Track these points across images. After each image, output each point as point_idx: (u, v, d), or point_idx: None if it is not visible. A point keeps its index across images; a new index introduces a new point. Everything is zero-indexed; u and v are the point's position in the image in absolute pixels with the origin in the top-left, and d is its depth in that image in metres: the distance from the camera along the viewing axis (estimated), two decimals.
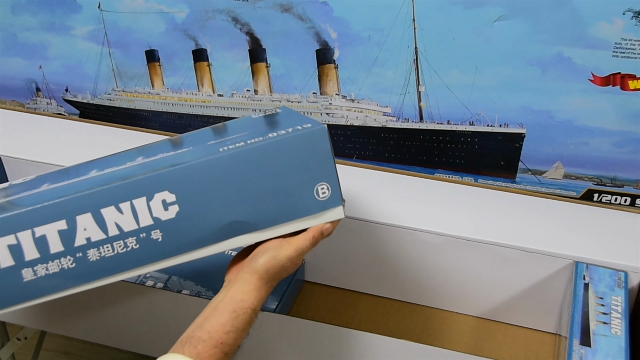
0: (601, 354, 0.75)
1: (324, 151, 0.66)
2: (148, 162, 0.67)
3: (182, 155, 0.67)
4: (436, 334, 0.99)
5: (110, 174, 0.66)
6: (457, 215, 0.97)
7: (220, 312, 0.63)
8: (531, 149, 1.02)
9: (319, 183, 0.67)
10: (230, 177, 0.65)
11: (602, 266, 0.87)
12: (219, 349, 0.61)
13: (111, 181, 0.63)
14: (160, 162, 0.66)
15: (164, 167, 0.64)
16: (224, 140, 0.68)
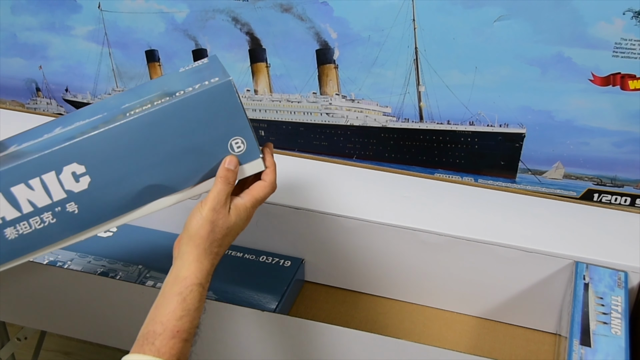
0: (601, 354, 0.75)
1: (232, 105, 0.64)
2: (63, 132, 0.65)
3: (93, 123, 0.64)
4: (436, 334, 0.99)
5: (25, 149, 0.64)
6: (457, 215, 0.97)
7: (167, 298, 0.61)
8: (531, 149, 1.02)
9: (233, 138, 0.65)
10: (138, 142, 0.63)
11: (602, 266, 0.87)
12: (177, 338, 0.59)
13: (22, 157, 0.62)
14: (72, 132, 0.64)
15: (73, 137, 0.62)
16: (136, 102, 0.66)
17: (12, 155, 0.64)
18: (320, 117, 1.13)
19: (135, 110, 0.63)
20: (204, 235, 0.62)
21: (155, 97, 0.66)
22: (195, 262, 0.62)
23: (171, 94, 0.65)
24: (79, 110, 0.74)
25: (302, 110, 1.13)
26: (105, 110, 0.68)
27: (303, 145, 1.17)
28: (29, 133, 0.71)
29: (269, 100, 1.15)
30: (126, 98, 0.70)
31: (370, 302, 1.04)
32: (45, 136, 0.66)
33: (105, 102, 0.74)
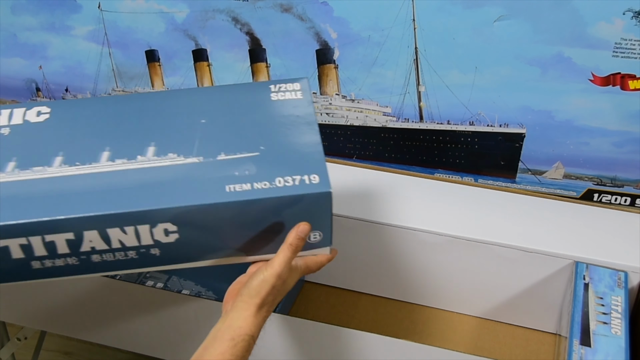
0: (601, 354, 0.75)
1: (325, 210, 0.69)
2: (137, 169, 0.69)
3: (188, 171, 0.69)
4: (436, 334, 0.99)
5: (99, 182, 0.68)
6: (457, 215, 0.97)
7: (219, 341, 0.64)
8: (531, 149, 1.02)
9: (313, 231, 0.70)
10: (232, 218, 0.68)
11: (602, 266, 0.87)
12: None
13: (114, 202, 0.66)
14: (162, 174, 0.68)
15: (169, 186, 0.67)
16: (231, 161, 0.70)
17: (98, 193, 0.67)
18: (320, 117, 1.13)
19: (236, 185, 0.67)
20: (264, 296, 0.67)
21: (252, 158, 0.70)
22: (252, 317, 0.66)
23: (269, 177, 0.68)
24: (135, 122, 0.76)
25: None
26: (198, 150, 0.71)
27: None
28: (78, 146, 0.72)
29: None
30: (223, 142, 0.72)
31: (370, 302, 1.04)
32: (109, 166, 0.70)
33: (198, 131, 0.74)
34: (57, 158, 0.70)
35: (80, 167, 0.69)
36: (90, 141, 0.72)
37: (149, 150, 0.71)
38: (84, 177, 0.68)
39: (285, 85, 0.79)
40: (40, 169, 0.69)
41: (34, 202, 0.66)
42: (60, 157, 0.70)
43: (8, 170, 0.69)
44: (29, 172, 0.69)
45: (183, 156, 0.70)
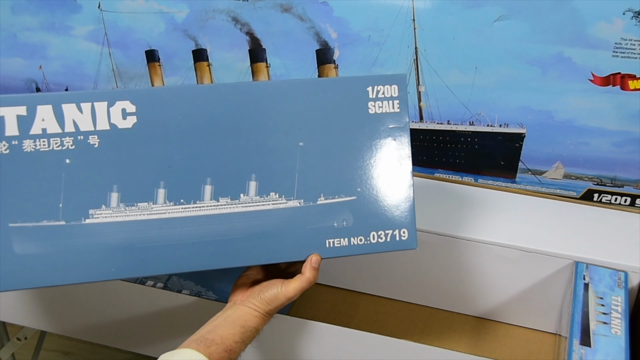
0: (601, 354, 0.75)
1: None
2: (240, 213, 0.70)
3: (290, 219, 0.71)
4: (436, 334, 0.99)
5: (209, 233, 0.69)
6: (457, 215, 0.97)
7: (231, 324, 0.70)
8: (531, 149, 1.02)
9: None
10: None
11: (602, 266, 0.87)
12: (227, 355, 0.67)
13: (222, 254, 0.70)
14: (266, 221, 0.71)
15: (274, 239, 0.71)
16: (330, 206, 0.71)
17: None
18: None
19: (335, 240, 0.72)
20: (272, 308, 0.73)
21: (349, 203, 0.72)
22: (260, 317, 0.73)
23: (364, 232, 0.72)
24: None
25: None
26: (299, 192, 0.72)
27: None
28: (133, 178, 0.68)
29: None
30: (322, 180, 0.72)
31: (370, 302, 1.04)
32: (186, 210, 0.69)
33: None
34: (159, 190, 0.67)
35: (186, 207, 0.68)
36: (189, 166, 0.68)
37: (251, 187, 0.70)
38: (191, 221, 0.67)
39: (383, 88, 0.73)
40: (145, 205, 0.67)
41: (149, 253, 0.66)
42: (162, 189, 0.67)
43: (113, 204, 0.66)
44: (135, 209, 0.67)
45: (285, 197, 0.70)
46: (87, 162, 0.66)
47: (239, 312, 0.72)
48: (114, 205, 0.66)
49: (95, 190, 0.66)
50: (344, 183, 0.71)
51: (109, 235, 0.66)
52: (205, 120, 0.69)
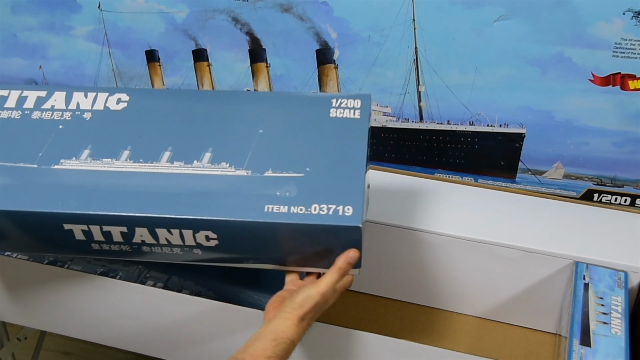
0: (601, 354, 0.75)
1: (355, 240, 0.73)
2: (190, 175, 0.76)
3: (235, 184, 0.75)
4: (436, 334, 0.99)
5: (154, 182, 0.76)
6: (457, 215, 0.97)
7: (262, 339, 0.69)
8: (531, 149, 1.02)
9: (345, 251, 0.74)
10: (268, 235, 0.74)
11: (602, 266, 0.87)
12: None
13: (163, 206, 0.74)
14: (212, 184, 0.75)
15: (215, 198, 0.74)
16: (277, 179, 0.75)
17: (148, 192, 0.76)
18: None
19: (272, 207, 0.73)
20: (306, 310, 0.72)
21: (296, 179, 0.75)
22: (294, 325, 0.70)
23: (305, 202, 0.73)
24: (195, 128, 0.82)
25: None
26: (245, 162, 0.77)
27: None
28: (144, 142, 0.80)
29: None
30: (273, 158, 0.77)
31: (370, 302, 1.04)
32: (167, 167, 0.78)
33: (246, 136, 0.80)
34: (125, 152, 0.79)
35: (142, 164, 0.78)
36: (157, 138, 0.80)
37: (205, 156, 0.78)
38: (143, 176, 0.76)
39: (346, 101, 0.81)
40: (108, 161, 0.78)
41: (97, 194, 0.75)
42: (127, 151, 0.79)
43: (82, 157, 0.79)
44: (99, 163, 0.78)
45: (234, 167, 0.77)
46: (75, 129, 0.82)
47: (271, 326, 0.70)
48: (82, 158, 0.79)
49: (72, 147, 0.80)
50: (295, 162, 0.76)
51: (67, 177, 0.77)
52: (182, 111, 0.83)
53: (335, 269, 0.73)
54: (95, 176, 0.77)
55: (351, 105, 0.81)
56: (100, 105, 0.84)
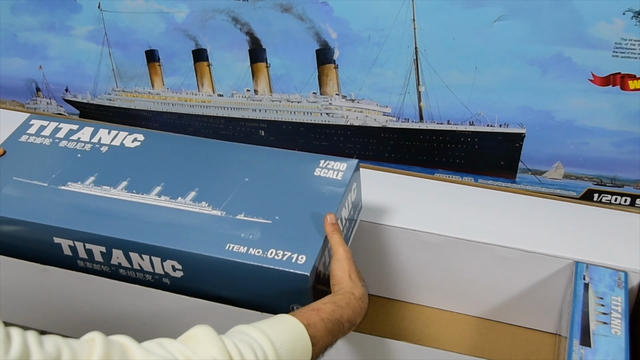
0: (601, 354, 0.75)
1: (304, 289, 0.76)
2: (171, 208, 0.85)
3: (207, 222, 0.82)
4: (436, 334, 0.99)
5: (139, 211, 0.84)
6: (457, 216, 0.97)
7: (323, 299, 0.70)
8: (531, 149, 1.02)
9: (294, 304, 0.78)
10: (227, 272, 0.78)
11: (602, 266, 0.87)
12: (315, 313, 0.65)
13: (137, 232, 0.81)
14: (187, 219, 0.83)
15: (184, 231, 0.81)
16: (246, 222, 0.81)
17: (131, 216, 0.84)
18: (320, 117, 1.13)
19: (235, 246, 0.78)
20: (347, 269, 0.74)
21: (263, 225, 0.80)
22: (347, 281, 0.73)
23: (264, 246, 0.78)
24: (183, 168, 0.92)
25: (302, 110, 1.13)
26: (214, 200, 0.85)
27: (303, 145, 1.17)
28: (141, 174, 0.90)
29: (269, 100, 1.15)
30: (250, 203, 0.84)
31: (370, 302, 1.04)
32: (155, 199, 0.86)
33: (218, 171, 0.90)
34: (123, 182, 0.89)
35: (134, 195, 0.87)
36: (154, 174, 0.90)
37: (189, 195, 0.86)
38: (131, 204, 0.85)
39: (333, 163, 0.88)
40: (107, 188, 0.88)
41: (86, 215, 0.84)
42: (125, 182, 0.89)
43: (86, 182, 0.90)
44: (98, 189, 0.88)
45: (212, 207, 0.84)
46: (90, 158, 0.93)
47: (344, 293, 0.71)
48: (86, 183, 0.89)
49: (82, 173, 0.91)
50: (267, 209, 0.82)
51: (68, 197, 0.87)
52: (184, 154, 0.93)
53: (329, 233, 0.77)
54: (92, 200, 0.87)
55: (337, 167, 0.87)
56: (117, 142, 0.96)
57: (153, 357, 0.51)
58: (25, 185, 0.90)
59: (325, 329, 0.64)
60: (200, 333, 0.56)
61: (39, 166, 0.92)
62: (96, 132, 0.97)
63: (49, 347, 0.47)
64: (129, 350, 0.51)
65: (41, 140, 0.97)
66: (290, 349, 0.59)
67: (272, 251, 0.77)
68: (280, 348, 0.59)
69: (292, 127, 1.16)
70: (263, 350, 0.57)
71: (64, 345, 0.48)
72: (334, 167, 0.87)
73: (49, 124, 0.99)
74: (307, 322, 0.63)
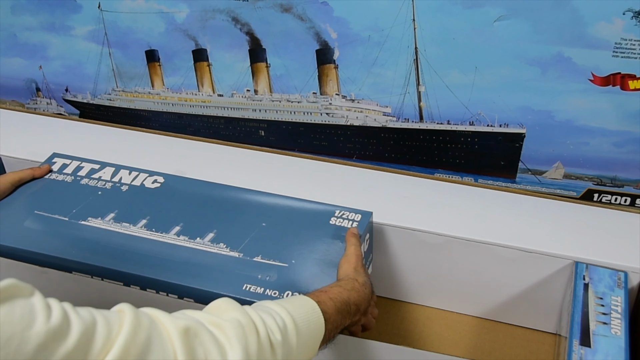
0: (601, 354, 0.75)
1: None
2: (190, 248, 0.87)
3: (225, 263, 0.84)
4: (436, 334, 0.99)
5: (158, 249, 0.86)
6: (457, 215, 0.97)
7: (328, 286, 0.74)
8: (531, 149, 1.02)
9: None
10: None
11: (602, 266, 0.87)
12: (324, 293, 0.69)
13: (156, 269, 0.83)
14: (205, 259, 0.85)
15: (203, 270, 0.83)
16: (263, 264, 0.83)
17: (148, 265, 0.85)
18: (320, 117, 1.13)
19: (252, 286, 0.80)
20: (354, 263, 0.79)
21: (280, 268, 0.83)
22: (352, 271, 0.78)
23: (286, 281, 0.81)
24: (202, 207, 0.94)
25: (302, 110, 1.13)
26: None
27: (303, 145, 1.17)
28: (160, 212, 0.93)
29: (269, 100, 1.15)
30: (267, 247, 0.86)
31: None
32: (173, 239, 0.88)
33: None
34: (143, 220, 0.91)
35: (153, 233, 0.89)
36: (174, 215, 0.92)
37: (208, 236, 0.88)
38: (150, 242, 0.87)
39: (349, 213, 0.90)
40: (127, 225, 0.90)
41: (106, 250, 0.86)
42: (145, 220, 0.91)
43: (106, 219, 0.92)
44: (119, 225, 0.90)
45: (229, 248, 0.86)
46: (110, 196, 0.96)
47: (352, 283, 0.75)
48: (106, 219, 0.92)
49: (102, 209, 0.93)
50: (283, 253, 0.84)
51: (87, 232, 0.89)
52: (203, 196, 0.95)
53: (350, 241, 0.82)
54: (111, 236, 0.89)
55: (351, 217, 0.89)
56: (137, 182, 0.98)
57: (179, 320, 0.54)
58: (46, 219, 0.91)
59: (335, 307, 0.68)
60: (221, 302, 0.61)
61: (61, 201, 0.94)
62: (117, 172, 1.00)
63: (85, 314, 0.50)
64: (157, 318, 0.54)
65: (63, 177, 1.00)
66: (305, 320, 0.63)
67: (288, 293, 0.78)
68: (298, 319, 0.62)
69: (292, 127, 1.16)
70: (282, 318, 0.61)
71: (97, 314, 0.51)
72: (349, 217, 0.89)
73: (71, 162, 1.02)
74: (318, 299, 0.67)
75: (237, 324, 0.56)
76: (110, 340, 0.49)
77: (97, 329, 0.49)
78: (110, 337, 0.49)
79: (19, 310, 0.45)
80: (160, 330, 0.52)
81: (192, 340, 0.53)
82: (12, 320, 0.44)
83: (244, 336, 0.55)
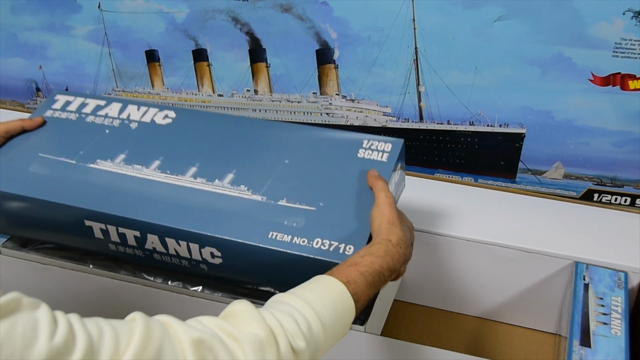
0: (601, 354, 0.75)
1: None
2: (209, 192, 0.80)
3: (248, 207, 0.77)
4: (436, 334, 0.99)
5: (175, 194, 0.79)
6: (457, 216, 0.97)
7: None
8: (531, 149, 1.02)
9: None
10: (268, 260, 0.74)
11: (602, 266, 0.87)
12: (354, 268, 0.62)
13: (175, 217, 0.77)
14: (226, 203, 0.78)
15: (225, 217, 0.76)
16: (288, 209, 0.76)
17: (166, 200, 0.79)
18: (320, 117, 1.13)
19: (279, 234, 0.74)
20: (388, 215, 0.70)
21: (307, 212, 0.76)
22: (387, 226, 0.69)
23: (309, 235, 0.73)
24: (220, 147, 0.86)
25: (302, 110, 1.13)
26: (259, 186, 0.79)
27: None
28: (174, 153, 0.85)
29: (269, 100, 1.15)
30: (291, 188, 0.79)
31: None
32: (190, 181, 0.81)
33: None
34: (156, 162, 0.83)
35: (168, 175, 0.82)
36: (188, 154, 0.84)
37: (227, 177, 0.81)
38: (166, 186, 0.80)
39: (377, 143, 0.82)
40: (139, 167, 0.83)
41: (119, 197, 0.79)
42: (158, 161, 0.83)
43: (117, 161, 0.84)
44: (130, 168, 0.83)
45: (252, 191, 0.79)
46: (119, 134, 0.88)
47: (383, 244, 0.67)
48: (117, 161, 0.84)
49: (111, 150, 0.85)
50: (310, 195, 0.77)
51: (97, 176, 0.82)
52: (219, 132, 0.87)
53: (373, 181, 0.74)
54: (123, 180, 0.82)
55: (381, 148, 0.81)
56: (147, 118, 0.90)
57: (194, 331, 0.51)
58: (52, 163, 0.85)
59: (366, 282, 0.62)
60: (240, 310, 0.56)
61: (66, 142, 0.87)
62: (124, 107, 0.92)
63: (92, 328, 0.48)
64: (170, 327, 0.52)
65: (67, 115, 0.92)
66: (332, 310, 0.58)
67: (317, 240, 0.72)
68: (323, 312, 0.57)
69: None
70: (305, 318, 0.56)
71: (106, 326, 0.49)
72: (378, 147, 0.81)
73: (75, 99, 0.94)
74: (347, 279, 0.61)
75: (255, 340, 0.52)
76: (118, 355, 0.47)
77: (104, 343, 0.47)
78: (117, 351, 0.47)
79: (20, 326, 0.44)
80: (173, 342, 0.50)
81: (205, 353, 0.50)
82: (13, 337, 0.43)
83: (261, 351, 0.52)
